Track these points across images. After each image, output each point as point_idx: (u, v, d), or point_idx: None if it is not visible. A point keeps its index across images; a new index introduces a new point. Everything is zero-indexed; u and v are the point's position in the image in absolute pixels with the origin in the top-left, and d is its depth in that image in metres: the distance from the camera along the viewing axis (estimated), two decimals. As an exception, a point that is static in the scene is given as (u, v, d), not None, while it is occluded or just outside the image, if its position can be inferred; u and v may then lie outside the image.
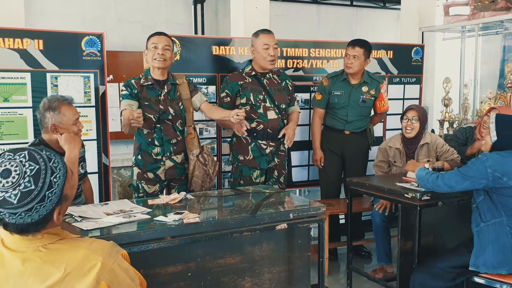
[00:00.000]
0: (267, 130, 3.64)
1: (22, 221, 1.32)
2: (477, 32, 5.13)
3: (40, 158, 1.34)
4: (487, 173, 2.56)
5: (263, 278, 2.53)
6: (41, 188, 1.31)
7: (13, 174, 1.30)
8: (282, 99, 3.71)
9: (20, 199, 1.29)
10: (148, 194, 3.24)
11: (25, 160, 1.32)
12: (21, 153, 1.34)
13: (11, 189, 1.29)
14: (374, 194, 3.35)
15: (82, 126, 2.78)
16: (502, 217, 2.60)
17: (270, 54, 3.59)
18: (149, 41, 3.24)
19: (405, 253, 3.14)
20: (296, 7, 7.27)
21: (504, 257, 2.58)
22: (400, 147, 3.73)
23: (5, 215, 1.31)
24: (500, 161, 2.57)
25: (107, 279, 1.32)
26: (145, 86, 3.23)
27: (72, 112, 2.68)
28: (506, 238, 2.58)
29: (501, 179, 2.54)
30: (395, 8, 7.75)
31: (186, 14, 6.56)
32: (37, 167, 1.32)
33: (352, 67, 3.99)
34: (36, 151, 1.36)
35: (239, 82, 3.64)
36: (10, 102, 3.37)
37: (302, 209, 2.56)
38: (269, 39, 3.61)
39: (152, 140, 3.24)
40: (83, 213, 2.29)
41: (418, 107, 3.75)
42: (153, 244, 2.12)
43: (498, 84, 5.84)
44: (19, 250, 1.35)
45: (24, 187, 1.29)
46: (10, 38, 3.35)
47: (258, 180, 3.65)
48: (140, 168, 3.27)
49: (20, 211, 1.30)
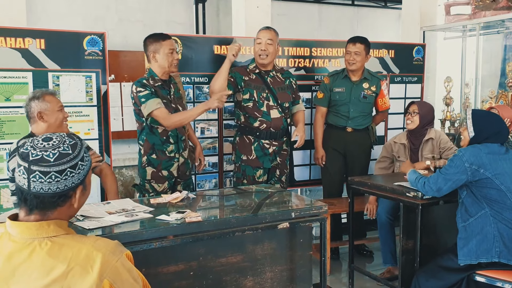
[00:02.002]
0: (270, 129, 3.64)
1: (47, 187, 1.37)
2: (478, 32, 5.13)
3: (77, 138, 1.49)
4: (465, 168, 2.67)
5: (265, 277, 2.53)
6: (76, 155, 1.42)
7: (54, 139, 1.42)
8: (285, 98, 3.71)
9: (58, 158, 1.38)
10: (158, 193, 3.24)
11: (65, 135, 1.46)
12: (59, 132, 1.49)
13: (51, 149, 1.39)
14: (376, 193, 3.35)
15: (68, 114, 2.82)
16: (485, 208, 2.68)
17: (261, 48, 3.60)
18: (162, 45, 3.18)
19: (407, 252, 3.14)
20: (297, 6, 7.26)
21: (486, 246, 2.63)
22: (405, 142, 3.75)
23: (35, 177, 1.36)
24: (475, 153, 2.68)
25: (110, 277, 1.32)
26: (157, 86, 3.22)
27: (56, 100, 2.75)
28: (489, 228, 2.64)
29: (478, 171, 2.65)
30: (396, 7, 7.74)
31: (187, 13, 6.56)
32: (75, 141, 1.45)
33: (355, 63, 4.03)
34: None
35: (243, 76, 3.65)
36: (11, 101, 3.38)
37: (304, 208, 2.56)
38: (263, 34, 3.62)
39: (167, 138, 3.25)
40: (85, 212, 2.29)
41: (420, 103, 3.78)
42: (155, 243, 2.12)
43: (499, 83, 5.83)
44: (26, 243, 1.35)
45: (63, 150, 1.40)
46: (12, 37, 3.36)
47: (261, 180, 3.66)
48: (155, 167, 3.27)
49: (52, 170, 1.37)
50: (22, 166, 1.37)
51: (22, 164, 1.37)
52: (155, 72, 3.24)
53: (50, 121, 2.70)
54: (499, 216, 2.64)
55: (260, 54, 3.61)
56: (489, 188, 2.65)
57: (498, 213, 2.64)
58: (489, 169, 2.64)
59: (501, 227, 2.63)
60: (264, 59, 3.62)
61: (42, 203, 1.38)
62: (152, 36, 3.26)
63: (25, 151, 1.38)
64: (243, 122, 3.68)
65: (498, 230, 2.63)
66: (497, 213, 2.64)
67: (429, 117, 3.70)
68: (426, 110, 3.68)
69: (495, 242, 2.62)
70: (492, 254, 2.62)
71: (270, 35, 3.62)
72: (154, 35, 3.25)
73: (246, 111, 3.64)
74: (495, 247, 2.61)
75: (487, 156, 2.67)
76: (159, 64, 3.21)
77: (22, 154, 1.38)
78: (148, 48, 3.23)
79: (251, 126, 3.63)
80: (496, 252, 2.61)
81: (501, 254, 2.61)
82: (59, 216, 1.42)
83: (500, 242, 2.61)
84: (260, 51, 3.61)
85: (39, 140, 1.41)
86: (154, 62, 3.22)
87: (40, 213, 1.39)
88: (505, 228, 2.63)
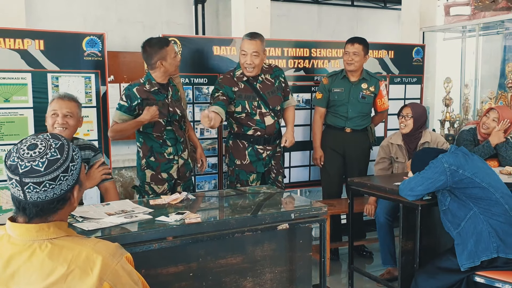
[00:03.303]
0: (264, 135, 3.60)
1: (44, 195, 1.35)
2: (477, 32, 5.13)
3: (61, 137, 1.45)
4: (444, 168, 2.72)
5: (264, 278, 2.52)
6: (65, 158, 1.39)
7: (39, 146, 1.37)
8: (276, 102, 3.64)
9: (47, 166, 1.35)
10: (157, 194, 3.23)
11: (49, 137, 1.41)
12: (43, 133, 1.45)
13: (39, 158, 1.35)
14: (375, 194, 3.35)
15: (59, 123, 2.72)
16: (472, 209, 2.70)
17: (247, 62, 3.46)
18: (167, 51, 3.16)
19: (407, 253, 3.14)
20: (297, 7, 7.27)
21: (484, 244, 2.64)
22: (401, 143, 3.75)
23: (29, 188, 1.34)
24: (453, 155, 2.77)
25: (110, 280, 1.32)
26: (151, 92, 3.20)
27: (58, 105, 2.74)
28: (482, 226, 2.66)
29: (457, 172, 2.70)
30: (395, 8, 7.75)
31: (187, 14, 6.56)
32: (61, 142, 1.41)
33: (353, 63, 4.02)
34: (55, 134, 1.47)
35: (232, 88, 3.54)
36: (10, 102, 3.37)
37: (303, 209, 2.56)
38: (248, 46, 3.45)
39: (164, 141, 3.24)
40: (85, 214, 2.29)
41: (413, 105, 3.76)
42: (155, 244, 2.11)
43: (498, 84, 5.84)
44: (26, 245, 1.35)
45: (51, 156, 1.37)
46: (11, 38, 3.35)
47: (254, 184, 3.64)
48: (154, 169, 3.26)
49: (45, 179, 1.35)
50: (14, 179, 1.35)
51: (13, 177, 1.35)
52: (156, 77, 3.21)
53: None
54: (488, 213, 2.66)
55: (246, 67, 3.49)
56: (472, 187, 2.68)
57: (487, 210, 2.67)
58: (467, 169, 2.69)
59: (492, 223, 2.65)
60: (251, 72, 3.51)
61: (42, 211, 1.37)
62: (153, 44, 3.17)
63: (13, 163, 1.35)
64: (237, 131, 3.63)
65: (491, 226, 2.64)
66: (486, 210, 2.67)
67: (423, 119, 3.70)
68: (420, 112, 3.67)
69: (490, 238, 2.63)
70: (491, 250, 2.63)
71: (255, 46, 3.44)
72: (154, 43, 3.17)
73: (239, 121, 3.59)
74: (492, 243, 2.63)
75: (464, 156, 2.76)
76: (166, 70, 3.18)
77: (11, 166, 1.35)
78: (152, 57, 3.16)
79: (245, 134, 3.59)
80: (494, 247, 2.62)
81: (499, 249, 2.62)
82: (59, 218, 1.42)
83: (495, 237, 2.63)
84: (245, 64, 3.48)
85: (24, 149, 1.37)
86: (161, 69, 3.18)
87: (41, 220, 1.38)
88: (497, 222, 2.65)
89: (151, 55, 3.16)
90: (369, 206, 3.82)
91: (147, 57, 3.20)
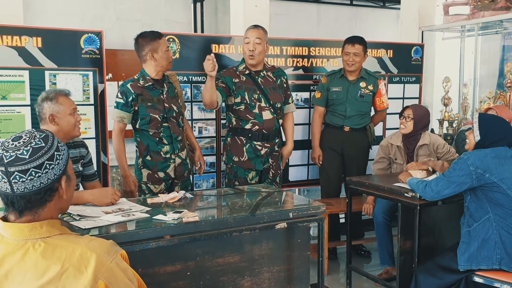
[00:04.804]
0: (262, 131, 3.60)
1: (31, 185, 1.35)
2: (476, 32, 5.13)
3: (46, 130, 1.48)
4: (470, 171, 2.60)
5: (262, 277, 2.52)
6: (50, 146, 1.40)
7: (24, 137, 1.39)
8: (277, 98, 3.66)
9: (32, 153, 1.35)
10: (154, 194, 3.22)
11: (34, 131, 1.43)
12: (28, 129, 1.49)
13: (23, 147, 1.36)
14: (374, 193, 3.34)
15: (80, 118, 2.78)
16: (488, 213, 2.63)
17: (249, 49, 3.53)
18: (160, 43, 3.18)
19: (405, 252, 3.13)
20: (296, 5, 7.25)
21: (487, 252, 2.61)
22: (400, 145, 3.74)
23: (15, 178, 1.33)
24: (481, 157, 2.61)
25: (105, 277, 1.31)
26: (146, 87, 3.20)
27: (69, 103, 2.70)
28: (492, 234, 2.61)
29: (484, 176, 2.58)
30: (395, 7, 7.73)
31: (186, 12, 6.54)
32: (45, 134, 1.43)
33: (355, 64, 4.03)
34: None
35: (233, 79, 3.59)
36: (8, 100, 3.36)
37: (301, 208, 2.55)
38: (251, 33, 3.54)
39: (160, 139, 3.23)
40: (82, 212, 2.28)
41: (416, 107, 3.73)
42: (152, 243, 2.10)
43: (497, 83, 5.83)
44: (19, 244, 1.34)
45: (35, 144, 1.38)
46: (9, 35, 3.33)
47: (253, 182, 3.63)
48: (150, 168, 3.25)
49: (30, 167, 1.34)
50: (0, 171, 1.34)
51: None
52: (149, 71, 3.22)
53: (62, 124, 2.66)
54: (502, 223, 2.60)
55: (249, 55, 3.55)
56: (495, 192, 2.59)
57: (502, 219, 2.59)
58: (495, 173, 2.57)
59: (503, 234, 2.59)
60: (253, 59, 3.56)
61: (30, 203, 1.37)
62: (145, 35, 3.20)
63: None
64: (235, 125, 3.64)
65: (500, 237, 2.59)
66: (501, 218, 2.60)
67: (424, 122, 3.67)
68: (421, 115, 3.64)
69: (496, 249, 2.59)
70: (492, 261, 2.59)
71: (258, 34, 3.54)
72: (146, 35, 3.20)
73: (237, 114, 3.59)
74: (496, 254, 2.59)
75: (493, 160, 2.60)
76: (158, 63, 3.18)
77: None
78: (143, 49, 3.18)
79: (243, 128, 3.59)
80: (497, 259, 2.59)
81: (502, 261, 2.58)
82: (50, 213, 1.40)
83: (501, 249, 2.58)
84: (248, 51, 3.54)
85: (9, 141, 1.38)
86: (152, 62, 3.18)
87: (31, 213, 1.37)
88: (507, 235, 2.59)
89: (143, 46, 3.19)
90: (367, 205, 3.82)
91: (138, 49, 3.22)
